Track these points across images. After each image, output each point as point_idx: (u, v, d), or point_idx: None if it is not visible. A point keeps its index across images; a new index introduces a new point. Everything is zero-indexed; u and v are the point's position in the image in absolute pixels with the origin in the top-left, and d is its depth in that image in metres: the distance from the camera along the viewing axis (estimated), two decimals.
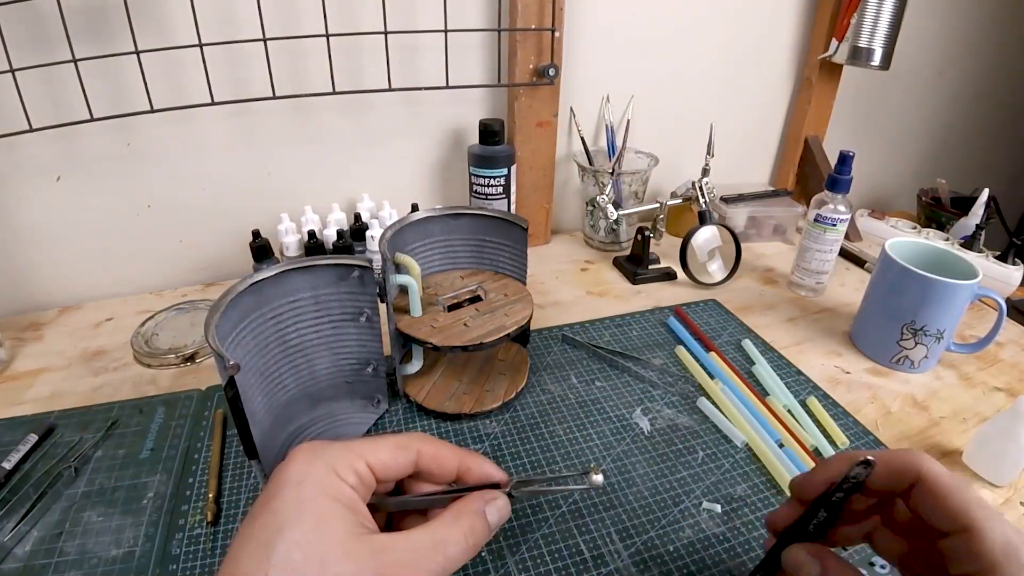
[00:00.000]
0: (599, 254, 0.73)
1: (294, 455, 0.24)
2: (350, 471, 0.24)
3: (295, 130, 0.61)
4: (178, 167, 0.59)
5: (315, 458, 0.24)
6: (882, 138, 0.98)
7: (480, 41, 0.64)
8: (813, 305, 0.63)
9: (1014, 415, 0.40)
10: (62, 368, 0.50)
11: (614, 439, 0.43)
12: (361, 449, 0.25)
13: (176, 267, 0.64)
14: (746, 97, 0.82)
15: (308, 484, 0.23)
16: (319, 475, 0.23)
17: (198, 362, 0.51)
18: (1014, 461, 0.40)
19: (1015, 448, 0.40)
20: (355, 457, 0.25)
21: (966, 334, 0.58)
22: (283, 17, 0.55)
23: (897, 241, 0.53)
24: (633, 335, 0.55)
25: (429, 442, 0.27)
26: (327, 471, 0.24)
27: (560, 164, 0.74)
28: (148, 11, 0.51)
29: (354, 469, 0.24)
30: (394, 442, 0.26)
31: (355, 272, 0.40)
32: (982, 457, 0.42)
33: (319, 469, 0.24)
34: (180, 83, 0.54)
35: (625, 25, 0.70)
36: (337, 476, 0.24)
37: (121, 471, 0.39)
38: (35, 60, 0.48)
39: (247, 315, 0.36)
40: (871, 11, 0.68)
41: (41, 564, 0.33)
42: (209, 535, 0.35)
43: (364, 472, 0.25)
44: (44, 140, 0.53)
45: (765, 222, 0.78)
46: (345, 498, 0.23)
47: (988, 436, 0.41)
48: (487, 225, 0.48)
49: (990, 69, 1.01)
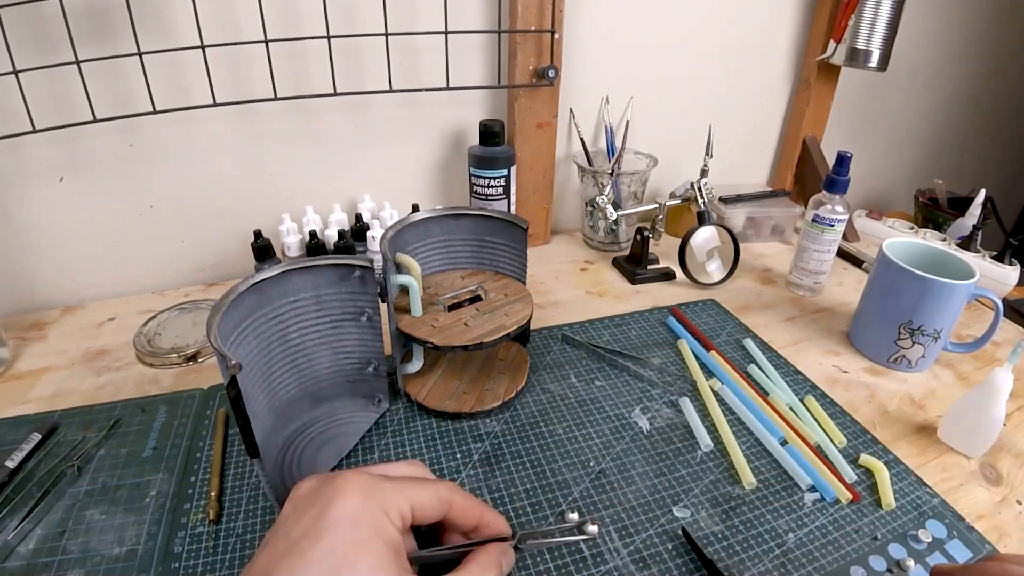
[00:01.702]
0: (598, 254, 0.74)
1: (347, 488, 0.24)
2: (398, 515, 0.24)
3: (296, 131, 0.62)
4: (180, 168, 0.59)
5: (370, 496, 0.24)
6: (880, 139, 0.98)
7: (480, 43, 0.64)
8: (811, 305, 0.63)
9: (988, 388, 0.41)
10: (65, 367, 0.50)
11: (613, 438, 0.43)
12: (409, 492, 0.25)
13: (178, 267, 0.64)
14: (745, 98, 0.82)
15: (364, 525, 0.23)
16: (374, 516, 0.23)
17: (200, 361, 0.51)
18: (987, 433, 0.42)
19: (989, 421, 0.41)
20: (403, 500, 0.25)
21: (963, 334, 0.59)
22: (284, 19, 0.55)
23: (894, 241, 0.53)
24: (632, 335, 0.55)
25: (460, 494, 0.28)
26: (381, 513, 0.24)
27: (560, 165, 0.74)
28: (150, 13, 0.51)
29: (401, 512, 0.25)
30: (435, 491, 0.26)
31: (356, 272, 0.40)
32: (957, 430, 0.43)
33: (374, 509, 0.23)
34: (182, 84, 0.54)
35: (624, 27, 0.70)
36: (388, 519, 0.24)
37: (124, 470, 0.39)
38: (38, 61, 0.48)
39: (249, 315, 0.37)
40: (869, 13, 0.68)
41: (44, 562, 0.33)
42: (211, 533, 0.35)
43: (407, 516, 0.25)
44: (47, 141, 0.53)
45: (763, 222, 0.78)
46: (394, 543, 0.24)
47: (962, 410, 0.43)
48: (487, 225, 0.49)
49: (987, 71, 1.01)
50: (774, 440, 0.42)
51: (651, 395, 0.47)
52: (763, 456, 0.42)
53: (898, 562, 0.34)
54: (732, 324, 0.58)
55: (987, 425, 0.42)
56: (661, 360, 0.52)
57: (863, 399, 0.49)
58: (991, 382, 0.41)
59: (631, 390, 0.48)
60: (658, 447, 0.42)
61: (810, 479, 0.39)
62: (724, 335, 0.56)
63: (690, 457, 0.41)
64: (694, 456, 0.42)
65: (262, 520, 0.36)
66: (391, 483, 0.25)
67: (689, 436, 0.43)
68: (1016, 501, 0.39)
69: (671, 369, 0.50)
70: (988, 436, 0.42)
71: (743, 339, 0.55)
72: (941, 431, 0.45)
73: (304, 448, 0.40)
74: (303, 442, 0.41)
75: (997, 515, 0.38)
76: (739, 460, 0.41)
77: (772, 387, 0.48)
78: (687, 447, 0.42)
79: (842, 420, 0.46)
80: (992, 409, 0.41)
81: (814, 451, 0.41)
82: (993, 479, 0.41)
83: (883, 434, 0.45)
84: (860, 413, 0.47)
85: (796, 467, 0.40)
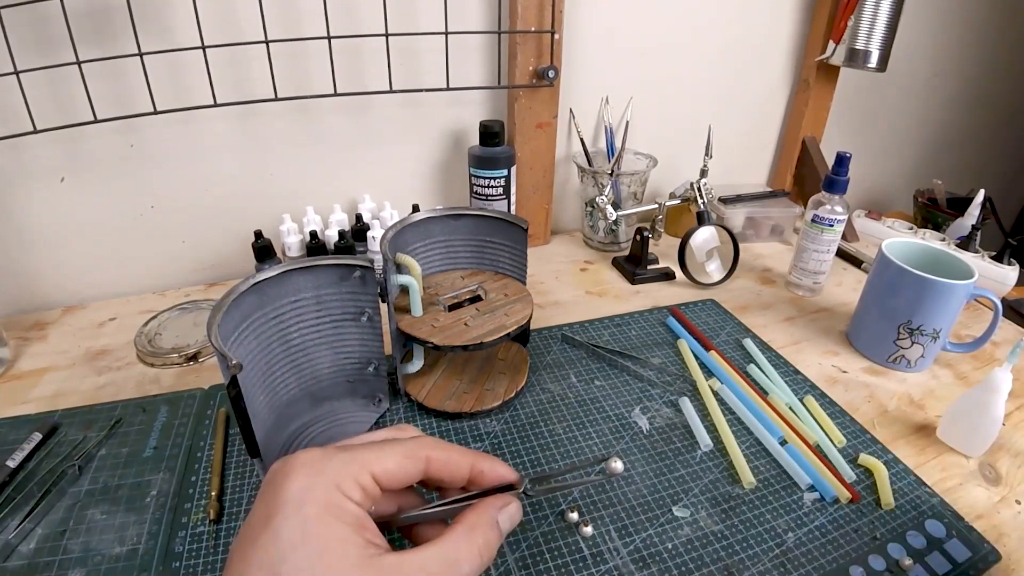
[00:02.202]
0: (598, 254, 0.74)
1: (293, 468, 0.23)
2: (355, 486, 0.23)
3: (297, 131, 0.62)
4: (181, 168, 0.59)
5: (317, 473, 0.22)
6: (879, 139, 0.98)
7: (480, 43, 0.64)
8: (810, 305, 0.63)
9: (987, 388, 0.41)
10: (66, 367, 0.50)
11: (613, 437, 0.43)
12: (366, 459, 0.24)
13: (179, 267, 0.64)
14: (744, 99, 0.82)
15: (311, 503, 0.22)
16: (322, 493, 0.22)
17: (201, 361, 0.51)
18: (986, 433, 0.42)
19: (987, 421, 0.41)
20: (359, 469, 0.23)
21: (962, 334, 0.59)
22: (285, 19, 0.56)
23: (894, 241, 0.53)
24: (632, 334, 0.55)
25: (439, 448, 0.25)
26: (330, 488, 0.22)
27: (559, 165, 0.74)
28: (151, 14, 0.51)
29: (359, 483, 0.23)
30: (402, 451, 0.25)
31: (356, 272, 0.40)
32: (956, 430, 0.43)
33: (322, 487, 0.22)
34: (183, 85, 0.55)
35: (624, 28, 0.70)
36: (341, 493, 0.22)
37: (124, 469, 0.40)
38: (39, 62, 0.49)
39: (249, 315, 0.37)
40: (868, 14, 0.68)
41: (45, 561, 0.33)
42: (212, 533, 0.35)
43: (369, 485, 0.23)
44: (48, 141, 0.53)
45: (763, 223, 0.78)
46: (350, 517, 0.22)
47: (961, 410, 0.43)
48: (487, 226, 0.49)
49: (986, 71, 1.01)
50: (773, 440, 0.42)
51: (651, 395, 0.47)
52: (762, 456, 0.42)
53: (897, 561, 0.35)
54: (731, 324, 0.58)
55: (986, 425, 0.42)
56: (661, 360, 0.52)
57: (862, 399, 0.49)
58: (990, 382, 0.41)
59: (631, 390, 0.48)
60: (658, 447, 0.42)
61: (809, 479, 0.39)
62: (724, 335, 0.56)
63: (690, 457, 0.42)
64: (694, 456, 0.42)
65: None
66: (346, 453, 0.24)
67: (689, 436, 0.43)
68: (1015, 501, 0.40)
69: (671, 369, 0.50)
70: (987, 436, 0.42)
71: (743, 339, 0.55)
72: (940, 431, 0.45)
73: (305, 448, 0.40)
74: (303, 442, 0.41)
75: (996, 515, 0.38)
76: (739, 460, 0.41)
77: (771, 387, 0.48)
78: (687, 447, 0.42)
79: (841, 420, 0.46)
80: (991, 409, 0.41)
81: (813, 451, 0.42)
82: (992, 479, 0.41)
83: (882, 434, 0.45)
84: (859, 413, 0.47)
85: (795, 467, 0.40)
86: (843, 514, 0.37)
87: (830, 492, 0.38)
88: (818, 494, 0.39)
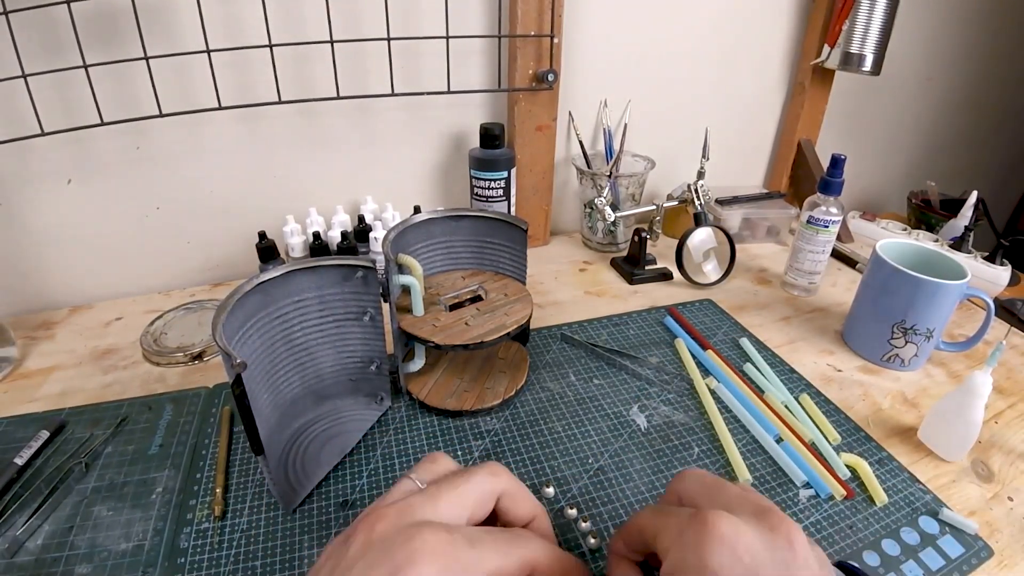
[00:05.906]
0: (597, 255, 0.74)
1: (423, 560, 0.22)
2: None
3: (300, 134, 0.63)
4: (186, 170, 0.60)
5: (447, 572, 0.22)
6: (873, 142, 0.99)
7: (481, 47, 0.65)
8: (806, 305, 0.64)
9: (966, 392, 0.40)
10: (73, 366, 0.51)
11: (611, 435, 0.44)
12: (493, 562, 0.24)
13: (184, 267, 0.64)
14: (740, 102, 0.83)
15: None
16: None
17: (206, 360, 0.51)
18: (964, 437, 0.41)
19: (966, 425, 0.40)
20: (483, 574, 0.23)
21: (955, 333, 0.60)
22: (289, 24, 0.56)
23: (888, 242, 0.54)
24: (630, 334, 0.56)
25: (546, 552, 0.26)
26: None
27: (559, 167, 0.75)
28: (157, 18, 0.52)
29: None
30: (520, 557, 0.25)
31: (359, 272, 0.41)
32: (936, 434, 0.43)
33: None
34: (188, 88, 0.55)
35: (622, 32, 0.71)
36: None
37: (130, 467, 0.40)
38: (47, 65, 0.49)
39: (253, 314, 0.37)
40: (862, 18, 0.69)
41: (53, 557, 0.34)
42: (216, 529, 0.36)
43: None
44: (56, 144, 0.54)
45: (759, 224, 0.79)
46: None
47: (941, 413, 0.42)
48: (488, 227, 0.49)
49: (979, 75, 1.02)
50: (769, 437, 0.43)
51: (649, 393, 0.48)
52: (758, 453, 0.42)
53: (892, 557, 0.35)
54: (728, 324, 0.59)
55: (963, 429, 0.41)
56: (658, 359, 0.52)
57: (857, 397, 0.49)
58: (969, 385, 0.40)
59: (629, 388, 0.48)
60: (655, 444, 0.43)
61: (805, 475, 0.40)
62: (720, 334, 0.57)
63: (687, 454, 0.42)
64: (691, 453, 0.42)
65: (266, 516, 0.37)
66: (474, 552, 0.23)
67: (686, 433, 0.44)
68: (1008, 497, 0.40)
69: (668, 368, 0.51)
70: (965, 440, 0.41)
71: (739, 338, 0.55)
72: (921, 432, 0.44)
73: (307, 445, 0.41)
74: (306, 439, 0.42)
75: (989, 511, 0.39)
76: (735, 457, 0.41)
77: (767, 385, 0.49)
78: (684, 444, 0.43)
79: (836, 418, 0.46)
80: (969, 412, 0.40)
81: (809, 448, 0.42)
82: (985, 476, 0.42)
83: (876, 432, 0.45)
84: (854, 411, 0.47)
85: (791, 464, 0.41)
86: (838, 511, 0.38)
87: (825, 489, 0.39)
88: (813, 491, 0.39)
